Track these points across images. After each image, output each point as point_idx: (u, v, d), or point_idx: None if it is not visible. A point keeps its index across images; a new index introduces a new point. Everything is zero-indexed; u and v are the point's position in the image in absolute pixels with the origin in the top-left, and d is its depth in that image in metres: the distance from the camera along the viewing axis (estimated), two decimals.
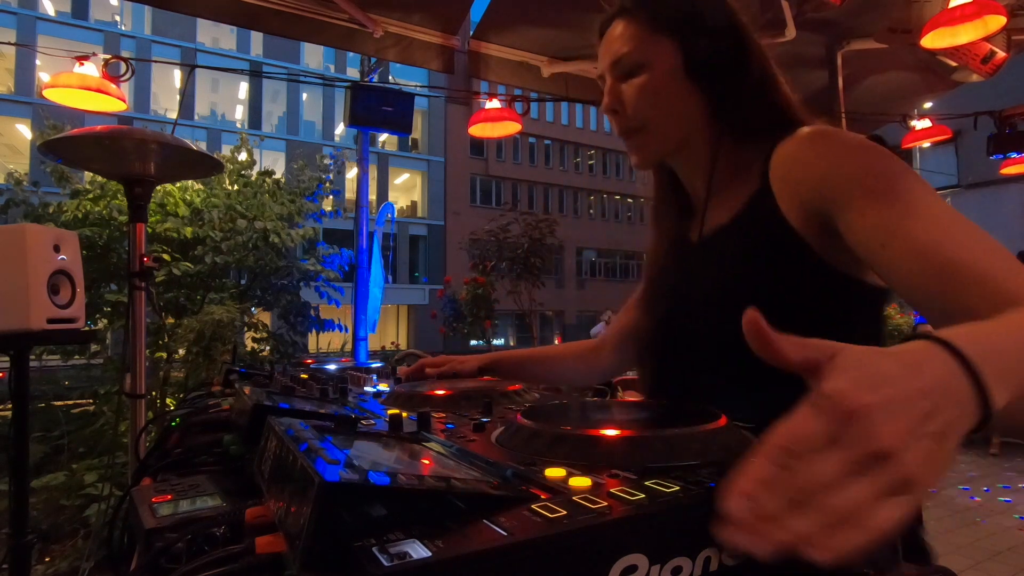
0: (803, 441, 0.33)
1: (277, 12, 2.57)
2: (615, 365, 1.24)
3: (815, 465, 0.32)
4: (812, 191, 0.72)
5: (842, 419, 0.33)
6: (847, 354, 0.37)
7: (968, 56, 2.77)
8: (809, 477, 0.32)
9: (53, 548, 3.35)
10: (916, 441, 0.33)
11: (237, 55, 26.33)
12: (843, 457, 0.32)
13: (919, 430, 0.33)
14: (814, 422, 0.33)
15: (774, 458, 0.33)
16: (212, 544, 0.51)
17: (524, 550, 0.34)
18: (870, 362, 0.36)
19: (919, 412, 0.34)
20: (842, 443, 0.32)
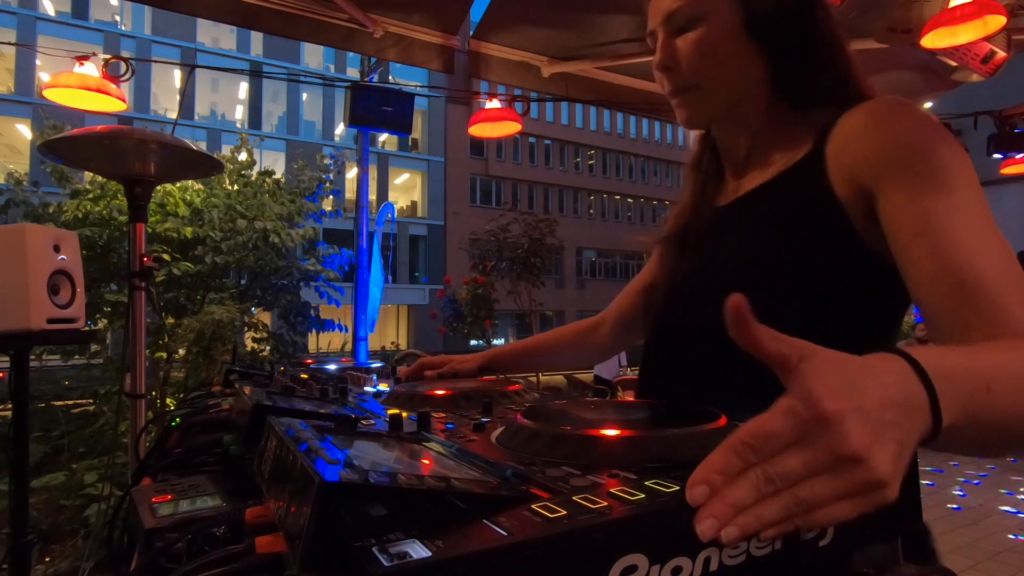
0: (770, 438, 0.34)
1: (277, 12, 2.57)
2: (614, 344, 1.23)
3: (783, 461, 0.34)
4: (864, 164, 0.69)
5: (814, 421, 0.34)
6: (821, 358, 0.38)
7: (968, 56, 2.77)
8: (777, 471, 0.34)
9: (53, 548, 3.35)
10: (883, 447, 0.35)
11: (237, 55, 26.33)
12: (812, 456, 0.34)
13: (885, 437, 0.35)
14: (783, 421, 0.35)
15: (738, 451, 0.35)
16: (212, 544, 0.51)
17: (524, 550, 0.34)
18: (844, 369, 0.38)
19: (886, 420, 0.36)
20: (811, 444, 0.34)
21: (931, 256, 0.62)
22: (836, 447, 0.34)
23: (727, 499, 0.34)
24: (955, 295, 0.59)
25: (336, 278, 7.56)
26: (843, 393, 0.35)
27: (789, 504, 0.34)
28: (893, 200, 0.65)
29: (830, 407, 0.34)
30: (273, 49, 26.35)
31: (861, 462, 0.34)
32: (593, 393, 7.44)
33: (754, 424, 0.35)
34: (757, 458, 0.34)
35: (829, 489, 0.34)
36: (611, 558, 0.36)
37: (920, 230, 0.63)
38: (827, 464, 0.34)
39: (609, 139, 34.32)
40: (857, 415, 0.35)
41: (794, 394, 0.36)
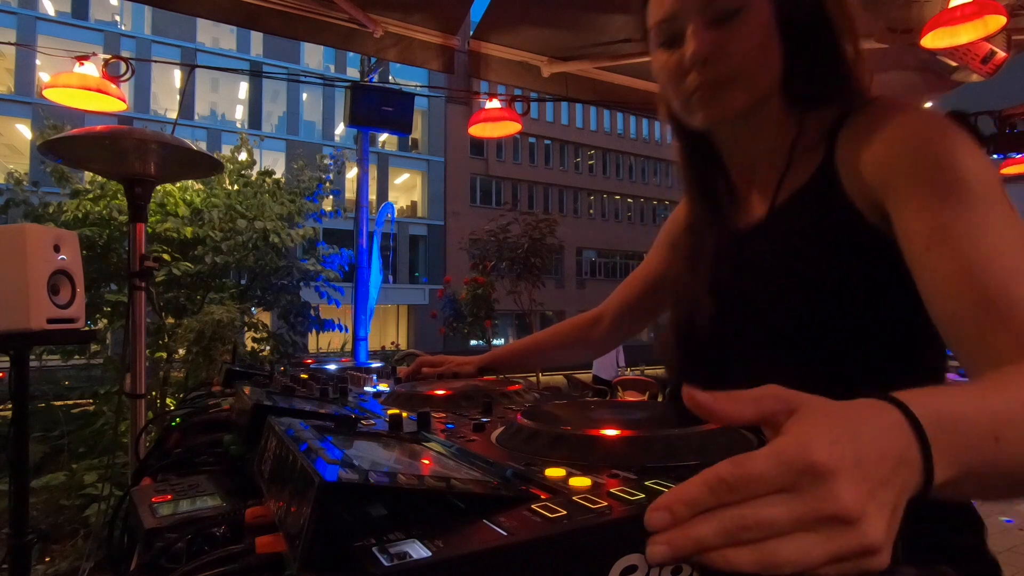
0: (753, 481, 0.31)
1: (277, 12, 2.57)
2: (614, 339, 1.22)
3: (766, 508, 0.31)
4: (874, 173, 0.65)
5: (806, 471, 0.31)
6: (811, 406, 0.36)
7: (968, 56, 2.77)
8: (759, 518, 0.30)
9: (53, 548, 3.35)
10: (878, 510, 0.32)
11: (237, 55, 26.32)
12: (799, 510, 0.30)
13: (879, 498, 0.32)
14: (771, 465, 0.31)
15: (713, 487, 0.31)
16: (212, 544, 0.51)
17: (524, 550, 0.34)
18: (837, 416, 0.35)
19: (879, 478, 0.33)
20: (799, 495, 0.31)
21: (948, 268, 0.56)
22: (828, 505, 0.30)
23: (690, 533, 0.31)
24: (976, 310, 0.54)
25: (336, 278, 7.57)
26: (839, 443, 0.32)
27: (765, 557, 0.30)
28: (906, 210, 0.61)
29: (824, 458, 0.31)
30: (273, 49, 26.34)
31: (853, 524, 0.30)
32: (593, 393, 7.44)
33: (736, 462, 0.32)
34: (733, 498, 0.31)
35: (817, 548, 0.30)
36: (611, 558, 0.36)
37: (936, 240, 0.58)
38: (814, 520, 0.30)
39: (609, 139, 34.30)
40: (854, 471, 0.31)
41: (786, 439, 0.33)
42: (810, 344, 0.70)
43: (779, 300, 0.74)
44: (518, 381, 0.99)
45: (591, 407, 0.71)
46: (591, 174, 34.14)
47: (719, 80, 0.72)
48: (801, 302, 0.71)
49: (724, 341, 0.80)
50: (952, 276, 0.56)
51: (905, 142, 0.63)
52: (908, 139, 0.63)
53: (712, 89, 0.73)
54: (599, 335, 1.22)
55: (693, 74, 0.73)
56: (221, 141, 23.99)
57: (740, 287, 0.79)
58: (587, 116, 33.39)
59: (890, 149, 0.64)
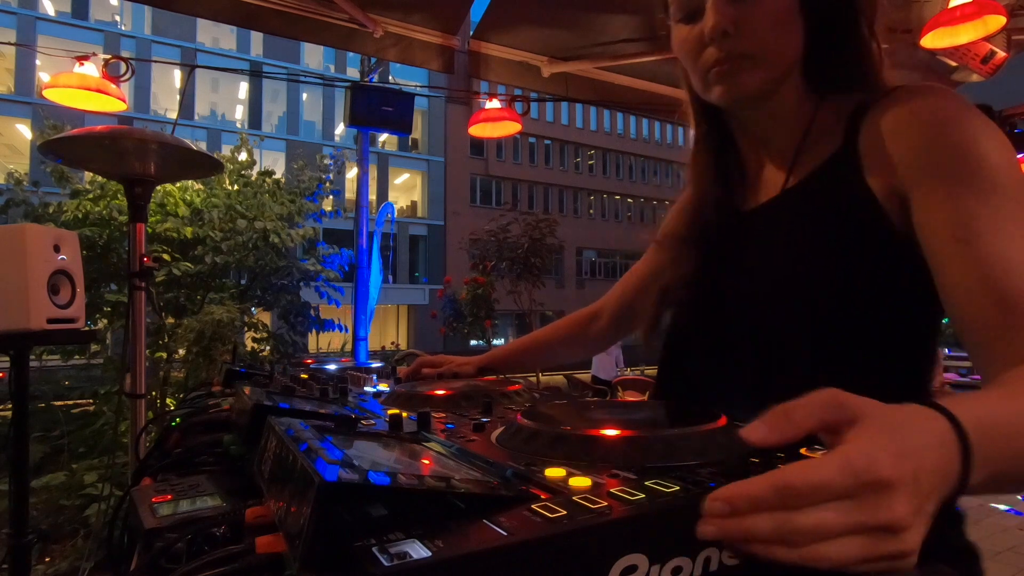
0: (820, 490, 0.32)
1: (277, 12, 2.57)
2: (612, 336, 1.22)
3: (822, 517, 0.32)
4: (901, 163, 0.64)
5: (871, 485, 0.32)
6: (872, 415, 0.36)
7: (968, 56, 2.77)
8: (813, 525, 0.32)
9: (53, 548, 3.36)
10: (920, 519, 0.34)
11: (237, 55, 26.32)
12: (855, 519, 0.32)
13: (925, 509, 0.34)
14: (840, 476, 0.32)
15: (780, 492, 0.32)
16: (212, 544, 0.51)
17: (524, 550, 0.34)
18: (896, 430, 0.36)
19: (927, 491, 0.35)
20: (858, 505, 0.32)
21: (970, 265, 0.56)
22: (883, 515, 0.32)
23: (744, 525, 0.32)
24: (996, 311, 0.54)
25: (336, 278, 7.57)
26: (903, 458, 0.34)
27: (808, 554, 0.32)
28: (930, 202, 0.60)
29: (890, 473, 0.33)
30: (273, 49, 26.34)
31: (898, 533, 0.33)
32: (593, 393, 7.44)
33: (806, 469, 0.33)
34: (796, 504, 0.32)
35: (858, 551, 0.32)
36: (611, 558, 0.36)
37: (959, 236, 0.57)
38: (865, 528, 0.32)
39: (609, 139, 34.31)
40: (912, 486, 0.33)
41: (854, 450, 0.34)
42: (812, 323, 0.70)
43: (784, 278, 0.73)
44: (518, 381, 0.99)
45: (591, 407, 0.71)
46: (591, 174, 34.14)
47: (738, 55, 0.71)
48: (806, 281, 0.71)
49: (726, 316, 0.79)
50: (974, 274, 0.56)
51: (932, 132, 0.62)
52: (935, 129, 0.62)
53: (730, 65, 0.72)
54: (598, 331, 1.22)
55: (712, 48, 0.72)
56: (221, 141, 23.99)
57: (745, 263, 0.78)
58: (587, 116, 33.39)
59: (916, 138, 0.63)
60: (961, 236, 0.57)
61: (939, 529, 0.33)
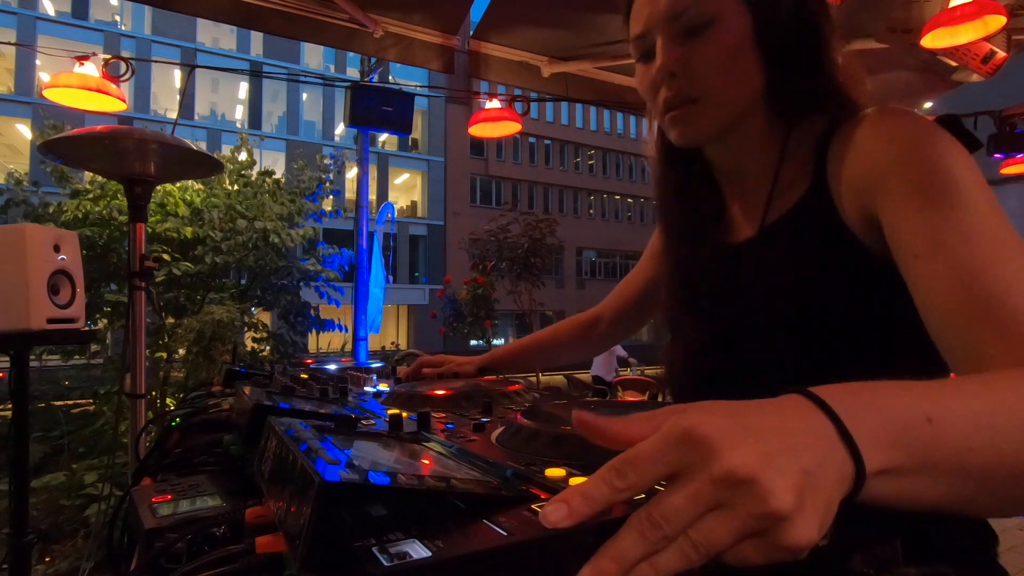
0: (636, 461, 0.30)
1: (277, 12, 2.57)
2: (612, 339, 1.24)
3: (665, 499, 0.30)
4: (863, 184, 0.64)
5: (683, 440, 0.30)
6: (702, 404, 0.34)
7: (968, 56, 2.77)
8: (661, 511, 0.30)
9: (53, 548, 3.36)
10: (778, 474, 0.29)
11: (237, 55, 26.32)
12: (692, 487, 0.29)
13: (778, 462, 0.30)
14: (649, 442, 0.31)
15: (602, 475, 0.31)
16: (212, 544, 0.51)
17: (524, 550, 0.34)
18: (724, 404, 0.33)
19: (777, 446, 0.30)
20: (689, 473, 0.30)
21: (937, 276, 0.55)
22: (710, 465, 0.29)
23: (611, 553, 0.29)
24: (966, 320, 0.53)
25: (336, 278, 7.57)
26: (721, 416, 0.31)
27: (686, 549, 0.29)
28: (893, 218, 0.60)
29: (697, 422, 0.30)
30: (273, 49, 26.34)
31: (747, 484, 0.29)
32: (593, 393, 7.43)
33: (627, 450, 0.32)
34: (622, 482, 0.30)
35: (721, 525, 0.29)
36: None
37: (923, 249, 0.57)
38: (708, 492, 0.29)
39: (609, 139, 34.30)
40: (739, 434, 0.30)
41: (668, 420, 0.32)
42: (803, 363, 0.69)
43: (772, 318, 0.73)
44: (518, 381, 0.99)
45: (591, 407, 0.71)
46: (591, 174, 34.14)
47: (687, 96, 0.72)
48: (794, 321, 0.71)
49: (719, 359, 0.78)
50: (944, 285, 0.55)
51: (894, 150, 0.62)
52: (897, 147, 0.62)
53: (679, 107, 0.72)
54: (598, 335, 1.23)
55: (663, 88, 0.73)
56: (221, 141, 23.99)
57: (732, 303, 0.78)
58: (587, 116, 33.39)
59: (879, 158, 0.63)
60: (930, 249, 0.56)
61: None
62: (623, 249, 33.24)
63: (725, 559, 0.30)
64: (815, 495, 0.30)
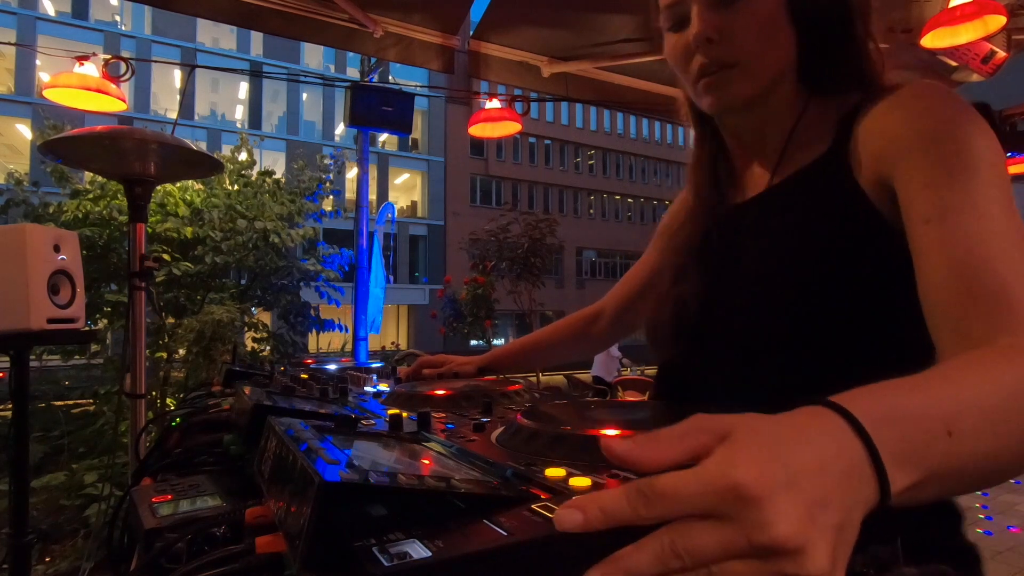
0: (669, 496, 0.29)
1: (277, 12, 2.57)
2: (613, 336, 1.23)
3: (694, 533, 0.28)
4: (884, 150, 0.65)
5: (728, 493, 0.28)
6: (742, 427, 0.31)
7: (968, 56, 2.77)
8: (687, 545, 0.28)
9: (53, 548, 3.36)
10: (820, 535, 0.28)
11: (237, 55, 26.32)
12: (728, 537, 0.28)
13: (821, 521, 0.28)
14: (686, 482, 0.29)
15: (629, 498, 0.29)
16: (212, 544, 0.51)
17: (524, 550, 0.34)
18: (767, 435, 0.31)
19: (818, 498, 0.29)
20: (728, 521, 0.28)
21: (939, 244, 0.56)
22: (760, 534, 0.27)
23: (623, 565, 0.28)
24: (958, 292, 0.53)
25: (336, 278, 7.56)
26: (769, 463, 0.29)
27: None
28: (910, 182, 0.61)
29: (750, 479, 0.28)
30: (273, 49, 26.33)
31: (792, 554, 0.27)
32: (593, 393, 7.43)
33: (662, 476, 0.29)
34: (648, 512, 0.29)
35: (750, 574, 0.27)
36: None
37: (930, 216, 0.57)
38: (745, 549, 0.27)
39: (609, 139, 34.30)
40: (787, 493, 0.28)
41: (711, 460, 0.30)
42: (800, 319, 0.69)
43: (771, 274, 0.73)
44: (518, 381, 0.99)
45: (591, 407, 0.71)
46: (591, 174, 34.14)
47: (724, 62, 0.72)
48: (794, 278, 0.71)
49: (715, 314, 0.78)
50: (943, 254, 0.56)
51: (923, 122, 0.63)
52: (927, 119, 0.63)
53: (715, 72, 0.73)
54: (599, 331, 1.22)
55: (698, 56, 0.73)
56: (221, 141, 23.98)
57: (732, 262, 0.78)
58: (587, 116, 33.39)
59: (908, 127, 0.64)
60: (938, 216, 0.57)
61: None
62: (623, 249, 33.23)
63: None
64: (845, 548, 0.30)
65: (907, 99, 0.66)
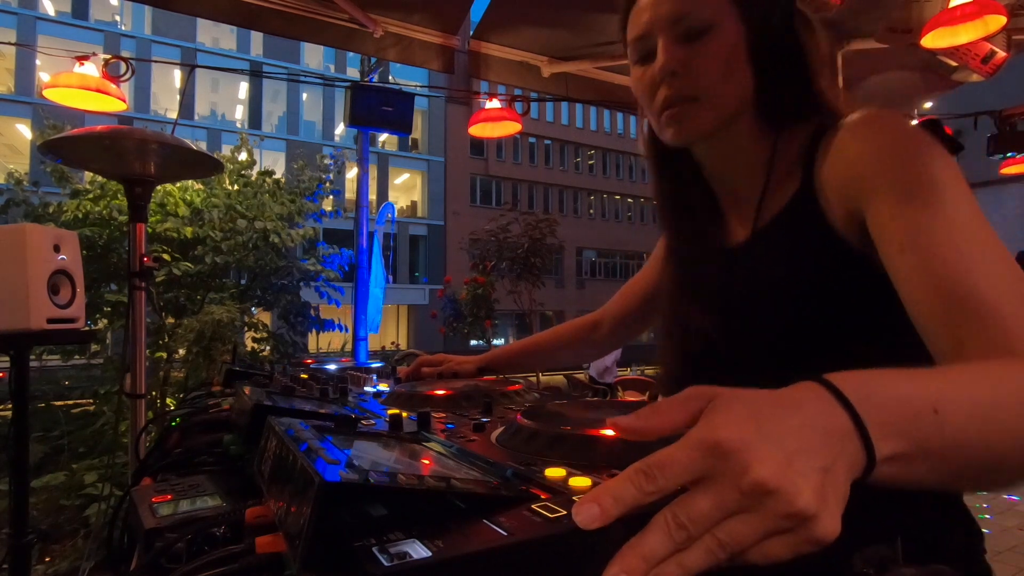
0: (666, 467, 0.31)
1: (277, 12, 2.57)
2: (612, 343, 1.25)
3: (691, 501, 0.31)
4: (849, 185, 0.67)
5: (713, 450, 0.31)
6: (727, 395, 0.35)
7: (968, 56, 2.77)
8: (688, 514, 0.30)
9: (53, 548, 3.36)
10: (802, 476, 0.31)
11: (237, 55, 26.32)
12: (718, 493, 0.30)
13: (798, 464, 0.31)
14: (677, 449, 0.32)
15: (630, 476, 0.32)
16: (212, 544, 0.51)
17: (524, 550, 0.34)
18: (750, 398, 0.34)
19: (797, 447, 0.32)
20: (716, 479, 0.31)
21: (920, 271, 0.58)
22: (742, 480, 0.30)
23: (637, 551, 0.30)
24: (946, 311, 0.55)
25: (336, 278, 7.56)
26: (745, 420, 0.32)
27: (712, 548, 0.30)
28: (879, 215, 0.63)
29: (728, 434, 0.31)
30: (273, 49, 26.33)
31: (772, 494, 0.30)
32: (593, 393, 7.41)
33: (656, 452, 0.32)
34: (650, 485, 0.31)
35: (749, 528, 0.30)
36: (611, 558, 0.36)
37: (907, 244, 0.60)
38: (736, 500, 0.30)
39: (609, 139, 34.30)
40: (764, 443, 0.31)
41: (696, 427, 0.33)
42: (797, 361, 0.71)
43: (766, 317, 0.76)
44: (518, 381, 0.99)
45: (591, 407, 0.71)
46: (591, 174, 34.14)
47: (686, 95, 0.75)
48: (787, 319, 0.74)
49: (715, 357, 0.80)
50: (925, 278, 0.57)
51: (878, 152, 0.65)
52: (881, 149, 0.66)
53: (678, 104, 0.76)
54: (598, 340, 1.24)
55: (663, 88, 0.76)
56: (221, 141, 23.98)
57: (729, 304, 0.80)
58: (587, 116, 33.38)
59: (864, 160, 0.66)
60: (911, 243, 0.59)
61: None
62: (623, 249, 33.24)
63: (749, 556, 0.31)
64: (835, 489, 0.32)
65: (863, 132, 0.68)
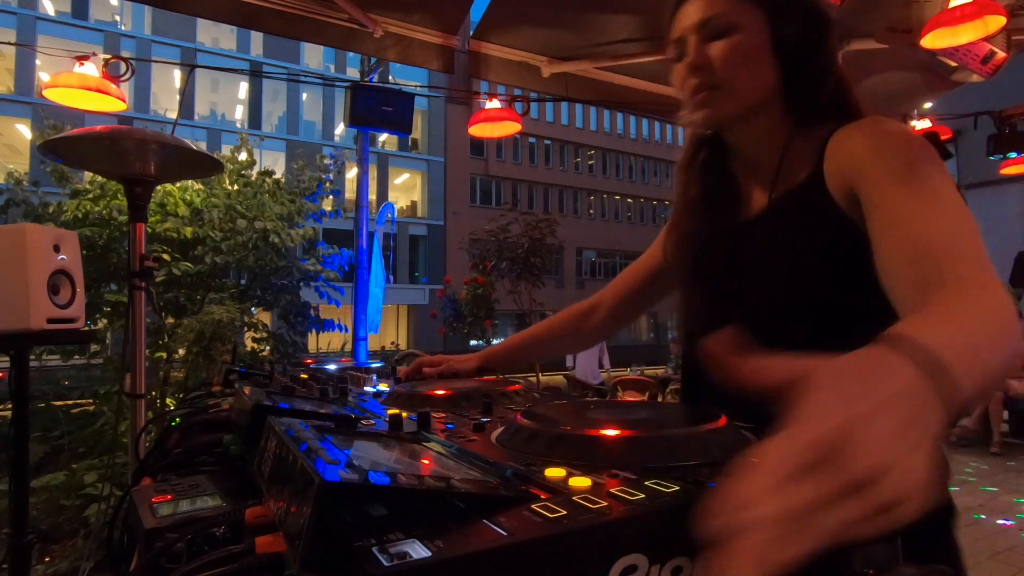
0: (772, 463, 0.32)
1: (277, 12, 2.57)
2: (607, 331, 1.27)
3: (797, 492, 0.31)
4: (849, 166, 0.77)
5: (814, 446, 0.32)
6: (819, 376, 0.36)
7: (968, 56, 2.77)
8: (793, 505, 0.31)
9: (53, 548, 3.36)
10: (896, 462, 0.32)
11: (237, 55, 26.32)
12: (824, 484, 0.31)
13: (896, 447, 0.33)
14: (782, 444, 0.33)
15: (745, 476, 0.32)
16: (212, 544, 0.51)
17: (524, 550, 0.34)
18: (837, 380, 0.36)
19: (893, 426, 0.34)
20: (822, 469, 0.31)
21: (901, 240, 0.66)
22: (845, 474, 0.31)
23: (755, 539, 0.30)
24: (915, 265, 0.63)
25: (336, 278, 7.56)
26: (841, 405, 0.34)
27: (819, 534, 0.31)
28: (874, 194, 0.72)
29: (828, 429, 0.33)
30: (273, 49, 26.33)
31: (874, 484, 0.31)
32: (593, 393, 7.40)
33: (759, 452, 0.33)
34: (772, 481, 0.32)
35: (856, 513, 0.31)
36: (611, 558, 0.36)
37: (894, 220, 0.68)
38: (841, 490, 0.31)
39: (609, 139, 34.30)
40: (859, 431, 0.33)
41: (796, 416, 0.34)
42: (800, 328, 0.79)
43: (777, 285, 0.84)
44: (518, 381, 0.99)
45: (591, 407, 0.71)
46: (591, 174, 34.14)
47: (710, 84, 0.86)
48: (797, 287, 0.82)
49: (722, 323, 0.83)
50: (903, 246, 0.66)
51: (878, 143, 0.76)
52: (880, 141, 0.76)
53: (706, 95, 0.87)
54: (594, 324, 1.24)
55: (691, 79, 0.87)
56: (221, 141, 23.98)
57: (741, 274, 0.89)
58: (587, 116, 33.39)
59: (863, 145, 0.77)
60: (895, 220, 0.68)
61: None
62: (623, 249, 33.23)
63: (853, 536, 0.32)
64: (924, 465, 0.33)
65: (866, 126, 0.80)
